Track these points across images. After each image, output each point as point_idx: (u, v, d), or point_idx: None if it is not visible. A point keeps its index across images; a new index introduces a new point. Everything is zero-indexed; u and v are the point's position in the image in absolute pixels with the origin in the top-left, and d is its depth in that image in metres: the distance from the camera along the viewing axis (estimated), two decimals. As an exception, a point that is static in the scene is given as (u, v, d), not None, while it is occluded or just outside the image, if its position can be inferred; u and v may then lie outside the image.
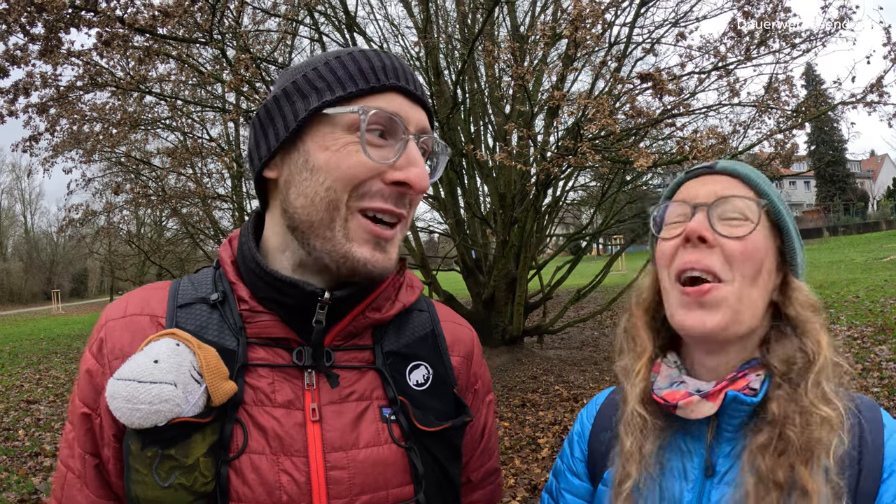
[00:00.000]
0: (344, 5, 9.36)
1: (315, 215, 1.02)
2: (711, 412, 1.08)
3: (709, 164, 1.21)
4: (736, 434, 1.10)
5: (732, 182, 1.17)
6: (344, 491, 1.01)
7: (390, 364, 1.12)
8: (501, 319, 11.02)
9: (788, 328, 1.13)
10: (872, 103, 7.88)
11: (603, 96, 6.29)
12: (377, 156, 1.00)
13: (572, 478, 1.32)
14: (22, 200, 64.90)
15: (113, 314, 1.10)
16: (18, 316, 38.45)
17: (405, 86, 1.05)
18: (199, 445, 0.94)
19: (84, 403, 1.05)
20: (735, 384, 1.09)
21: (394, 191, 1.02)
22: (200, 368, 0.96)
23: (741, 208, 1.13)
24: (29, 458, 7.08)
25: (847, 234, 39.79)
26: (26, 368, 14.47)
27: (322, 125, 1.02)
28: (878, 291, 13.42)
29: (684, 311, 1.11)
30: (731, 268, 1.09)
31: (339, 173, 0.99)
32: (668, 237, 1.17)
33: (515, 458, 6.15)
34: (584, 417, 1.37)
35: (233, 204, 13.37)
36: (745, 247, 1.09)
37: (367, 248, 1.02)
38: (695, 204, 1.15)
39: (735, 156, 9.19)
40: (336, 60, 1.04)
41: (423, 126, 1.07)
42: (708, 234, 1.10)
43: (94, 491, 1.04)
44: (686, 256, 1.12)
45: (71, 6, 5.05)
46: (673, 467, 1.13)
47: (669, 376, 1.18)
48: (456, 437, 1.15)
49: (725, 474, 1.08)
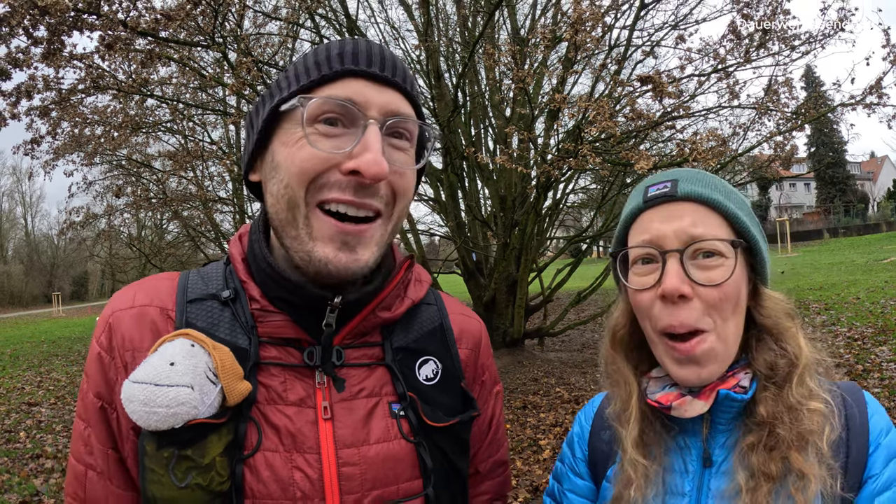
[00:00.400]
0: (345, 8, 9.39)
1: (281, 214, 1.02)
2: (704, 410, 1.10)
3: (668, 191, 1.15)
4: (729, 426, 1.14)
5: (699, 210, 1.13)
6: (356, 486, 1.02)
7: (399, 360, 1.13)
8: (502, 322, 11.01)
9: (767, 337, 1.15)
10: (872, 105, 7.90)
11: (603, 99, 6.31)
12: (328, 146, 0.97)
13: (575, 478, 1.32)
14: (23, 203, 64.89)
15: (120, 304, 1.08)
16: (19, 318, 38.42)
17: (365, 69, 1.00)
18: (215, 445, 0.94)
19: (99, 398, 1.04)
20: (726, 382, 1.12)
21: (352, 181, 0.97)
22: (216, 369, 0.96)
23: (716, 247, 1.10)
24: (30, 460, 7.08)
25: (847, 236, 39.76)
26: (27, 371, 14.46)
27: (285, 123, 1.02)
28: (879, 293, 13.41)
29: (677, 367, 1.12)
30: (711, 315, 1.09)
31: (293, 168, 0.98)
32: (639, 288, 1.15)
33: (517, 459, 6.15)
34: (583, 419, 1.38)
35: (234, 207, 13.40)
36: (723, 293, 1.09)
37: (330, 248, 0.99)
38: (664, 250, 1.11)
39: (735, 158, 9.23)
40: (301, 57, 1.05)
41: (390, 109, 1.01)
42: (686, 289, 1.08)
43: (118, 485, 1.03)
44: (666, 317, 1.10)
45: (74, 9, 5.07)
46: (674, 465, 1.16)
47: (661, 380, 1.20)
48: (464, 432, 1.16)
49: (722, 464, 1.12)
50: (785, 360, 1.11)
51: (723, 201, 1.13)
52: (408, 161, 1.06)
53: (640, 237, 1.16)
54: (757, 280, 1.18)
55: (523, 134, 6.82)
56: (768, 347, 1.14)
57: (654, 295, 1.12)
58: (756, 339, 1.16)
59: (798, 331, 1.15)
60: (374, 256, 1.03)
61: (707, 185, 1.15)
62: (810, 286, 15.92)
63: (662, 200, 1.15)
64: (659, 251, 1.12)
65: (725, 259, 1.10)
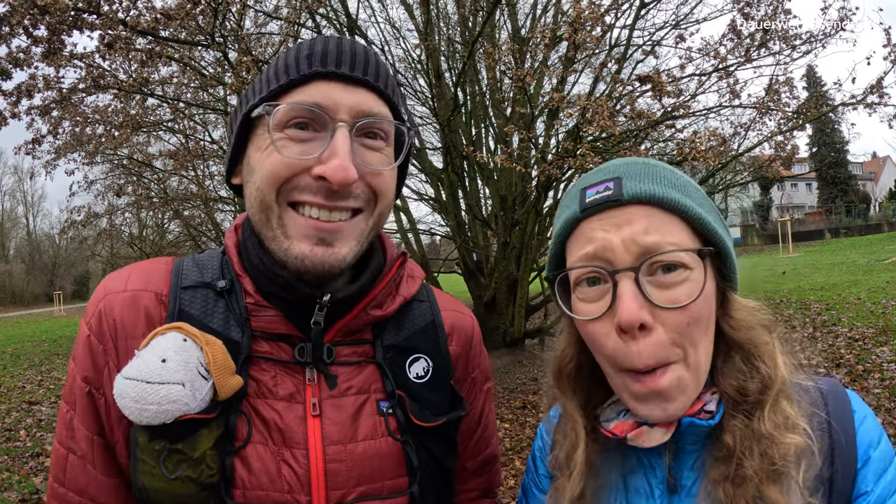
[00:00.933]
0: (345, 8, 9.40)
1: (256, 216, 1.03)
2: (665, 439, 0.97)
3: (611, 194, 0.93)
4: (696, 447, 1.00)
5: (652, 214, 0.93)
6: (341, 482, 1.02)
7: (390, 358, 1.13)
8: (502, 321, 11.01)
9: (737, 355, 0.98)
10: (873, 104, 7.90)
11: (602, 98, 6.31)
12: (297, 152, 0.97)
13: (539, 494, 1.23)
14: (24, 202, 64.92)
15: (113, 286, 1.07)
16: (20, 318, 38.45)
17: (334, 70, 0.98)
18: (205, 439, 0.95)
19: (86, 381, 1.02)
20: (690, 408, 0.96)
21: (322, 185, 0.97)
22: (208, 364, 0.96)
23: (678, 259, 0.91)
24: (30, 459, 7.09)
25: (849, 236, 39.72)
26: (28, 370, 14.47)
27: (258, 128, 1.04)
28: (880, 293, 13.39)
29: (639, 403, 0.95)
30: (677, 343, 0.92)
31: (263, 173, 0.99)
32: (587, 317, 0.96)
33: (516, 459, 6.15)
34: (544, 433, 1.25)
35: (234, 206, 13.39)
36: (690, 316, 0.91)
37: (306, 244, 0.99)
38: (614, 270, 0.92)
39: (736, 157, 9.22)
40: (274, 60, 1.05)
41: (361, 110, 0.99)
42: (646, 317, 0.89)
43: (101, 471, 1.02)
44: (624, 355, 0.92)
45: (74, 8, 5.08)
46: (637, 485, 1.04)
47: (614, 406, 1.06)
48: (451, 431, 1.16)
49: (692, 487, 0.99)
50: (756, 382, 0.95)
51: (681, 200, 0.93)
52: (383, 160, 1.05)
53: (581, 251, 0.96)
54: (726, 287, 1.00)
55: (523, 133, 6.82)
56: (737, 368, 0.97)
57: (607, 326, 0.94)
58: (724, 357, 0.99)
59: (775, 346, 0.99)
60: (352, 251, 1.02)
61: (660, 182, 0.95)
62: (811, 286, 15.90)
63: (605, 206, 0.94)
64: (607, 270, 0.93)
65: (690, 271, 0.92)
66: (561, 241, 1.02)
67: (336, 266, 1.00)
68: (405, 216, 11.10)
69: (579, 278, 0.97)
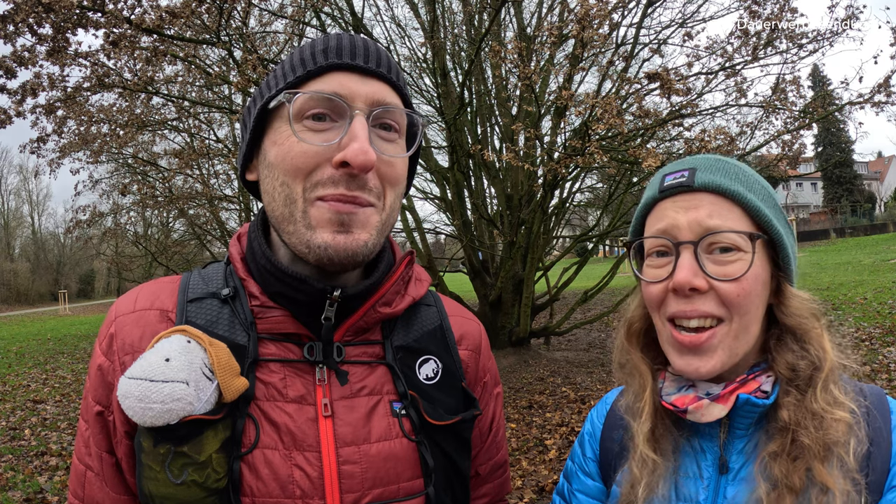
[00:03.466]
0: (351, 7, 9.38)
1: (277, 210, 1.02)
2: (722, 415, 1.05)
3: (684, 181, 1.09)
4: (748, 431, 1.08)
5: (717, 202, 1.07)
6: (356, 485, 1.01)
7: (400, 358, 1.12)
8: (508, 321, 11.01)
9: (789, 337, 1.09)
10: (880, 103, 7.84)
11: (611, 96, 6.28)
12: (317, 140, 0.98)
13: (585, 478, 1.30)
14: (29, 201, 65.22)
15: (123, 309, 1.09)
16: (25, 316, 38.60)
17: (349, 61, 1.01)
18: (211, 442, 0.94)
19: (97, 402, 1.05)
20: (746, 386, 1.06)
21: (343, 173, 0.98)
22: (212, 365, 0.95)
23: (733, 240, 1.05)
24: (35, 458, 7.10)
25: (854, 236, 39.65)
26: (33, 368, 14.52)
27: (275, 121, 1.03)
28: (886, 293, 13.36)
29: (677, 356, 1.08)
30: (728, 310, 1.04)
31: (286, 165, 0.99)
32: (652, 280, 1.11)
33: (523, 459, 6.13)
34: (595, 417, 1.34)
35: (240, 205, 13.42)
36: (741, 288, 1.04)
37: (328, 231, 0.98)
38: (678, 242, 1.07)
39: (742, 157, 9.18)
40: (288, 55, 1.06)
41: (375, 99, 1.01)
42: (699, 282, 1.03)
43: (113, 488, 1.04)
44: (677, 306, 1.06)
45: (78, 6, 5.07)
46: (687, 468, 1.11)
47: (676, 380, 1.15)
48: (465, 431, 1.15)
49: (739, 471, 1.07)
50: (806, 362, 1.05)
51: (742, 192, 1.07)
52: (397, 150, 1.06)
53: (655, 226, 1.11)
54: (781, 277, 1.11)
55: (530, 132, 6.81)
56: (789, 348, 1.07)
57: (665, 287, 1.08)
58: (777, 338, 1.10)
59: (823, 332, 1.08)
60: (372, 239, 1.02)
61: (727, 175, 1.08)
62: (817, 286, 15.86)
63: (679, 190, 1.10)
64: (672, 242, 1.07)
65: (743, 253, 1.04)
66: (641, 217, 1.18)
67: (358, 252, 1.00)
68: (411, 215, 11.09)
69: (651, 250, 1.13)
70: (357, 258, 1.00)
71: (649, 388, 1.16)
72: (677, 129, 9.64)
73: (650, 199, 1.15)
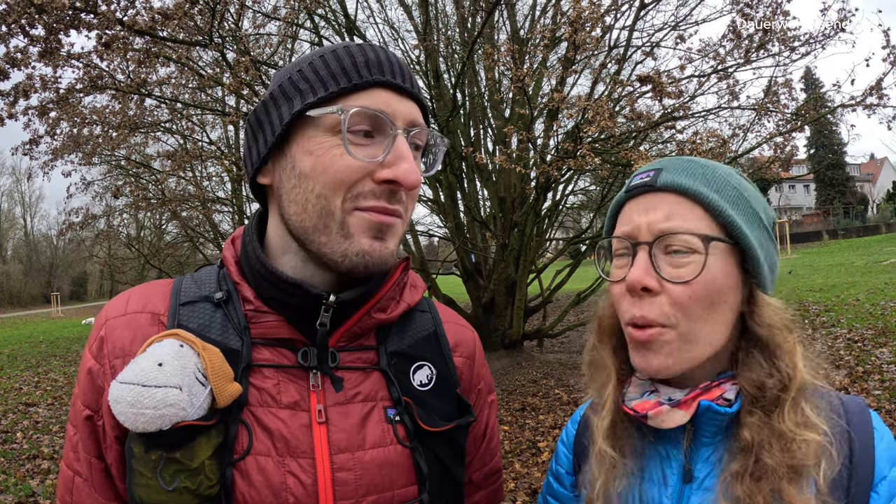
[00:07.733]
0: (344, 9, 9.38)
1: (308, 221, 1.01)
2: (683, 421, 1.03)
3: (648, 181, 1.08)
4: (713, 440, 1.06)
5: (678, 202, 1.05)
6: (350, 492, 1.00)
7: (394, 364, 1.12)
8: (501, 323, 11.00)
9: (756, 350, 1.05)
10: (872, 106, 7.89)
11: (602, 98, 6.29)
12: (363, 155, 0.98)
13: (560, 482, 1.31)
14: (22, 203, 65.00)
15: (113, 312, 1.08)
16: (17, 318, 38.42)
17: (391, 80, 1.02)
18: (204, 448, 0.93)
19: (86, 406, 1.03)
20: (709, 393, 1.04)
21: (385, 189, 0.99)
22: (205, 370, 0.94)
23: (687, 241, 1.02)
24: (27, 461, 7.06)
25: (847, 238, 39.84)
26: (25, 371, 14.44)
27: (306, 128, 1.01)
28: (879, 294, 13.40)
29: (634, 352, 1.08)
30: (676, 312, 1.02)
31: (328, 178, 0.98)
32: (614, 280, 1.11)
33: (515, 461, 6.13)
34: (570, 423, 1.35)
35: (232, 207, 13.39)
36: (692, 291, 1.01)
37: (366, 240, 1.00)
38: (636, 242, 1.06)
39: (735, 159, 9.21)
40: (320, 59, 1.03)
41: (412, 119, 1.03)
42: (650, 282, 1.02)
43: (102, 494, 1.03)
44: (630, 309, 1.05)
45: (71, 8, 5.05)
46: (652, 472, 1.10)
47: (641, 386, 1.14)
48: (460, 438, 1.15)
49: (704, 480, 1.05)
50: (775, 379, 1.01)
51: (704, 192, 1.04)
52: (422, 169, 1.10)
53: (620, 228, 1.12)
54: (753, 284, 1.07)
55: (522, 134, 6.80)
56: (757, 363, 1.04)
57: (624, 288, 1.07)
58: (745, 351, 1.06)
59: (796, 347, 1.05)
60: (396, 248, 1.06)
61: (691, 175, 1.06)
62: (810, 288, 15.90)
63: (643, 191, 1.09)
64: (631, 243, 1.07)
65: (698, 255, 1.02)
66: (612, 217, 1.18)
67: (389, 261, 1.04)
68: (404, 217, 11.06)
69: (617, 250, 1.13)
70: (387, 265, 1.04)
71: (612, 383, 1.16)
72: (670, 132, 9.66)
73: (618, 200, 1.16)
